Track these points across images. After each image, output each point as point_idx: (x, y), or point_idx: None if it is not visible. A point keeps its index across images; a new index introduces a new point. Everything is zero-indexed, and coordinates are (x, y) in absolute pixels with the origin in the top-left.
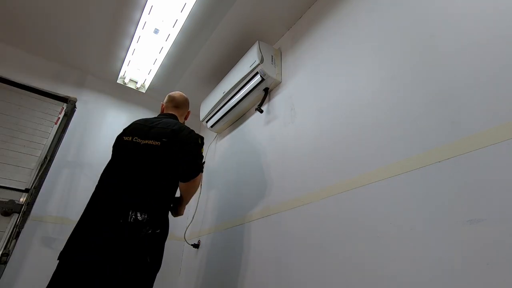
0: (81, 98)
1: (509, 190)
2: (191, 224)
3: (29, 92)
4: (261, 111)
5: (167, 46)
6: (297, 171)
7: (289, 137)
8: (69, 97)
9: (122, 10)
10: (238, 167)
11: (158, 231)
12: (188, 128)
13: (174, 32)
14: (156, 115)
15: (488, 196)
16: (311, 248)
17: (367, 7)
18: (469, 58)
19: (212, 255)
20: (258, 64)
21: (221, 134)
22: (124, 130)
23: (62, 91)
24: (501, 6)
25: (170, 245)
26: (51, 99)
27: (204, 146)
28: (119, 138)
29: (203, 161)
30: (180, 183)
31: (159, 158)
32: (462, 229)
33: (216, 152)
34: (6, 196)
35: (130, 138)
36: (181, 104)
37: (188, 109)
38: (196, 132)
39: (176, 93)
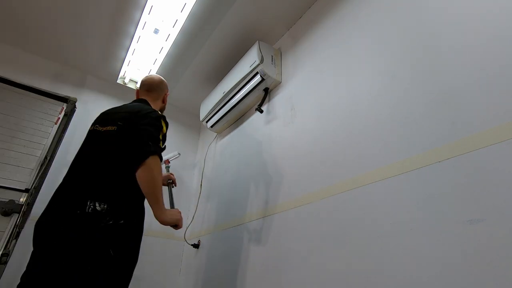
0: (81, 98)
1: (509, 190)
2: (191, 224)
3: (29, 92)
4: (261, 111)
5: (167, 46)
6: (297, 171)
7: (289, 137)
8: (69, 97)
9: (122, 10)
10: (238, 167)
11: (122, 221)
12: (150, 108)
13: (174, 32)
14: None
15: (488, 196)
16: (311, 248)
17: (367, 7)
18: (469, 58)
19: (212, 255)
20: (258, 64)
21: (221, 134)
22: (96, 119)
23: (62, 91)
24: (501, 6)
25: (170, 245)
26: (51, 99)
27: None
28: (87, 132)
29: (162, 145)
30: (136, 175)
31: (116, 144)
32: (462, 229)
33: (216, 152)
34: (6, 196)
35: (92, 127)
36: (153, 87)
37: (165, 91)
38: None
39: (148, 76)
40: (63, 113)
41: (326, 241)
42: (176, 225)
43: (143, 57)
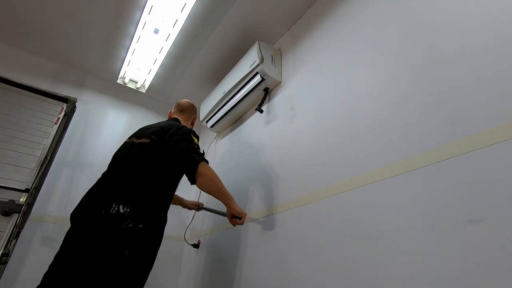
0: (81, 98)
1: (509, 190)
2: (191, 224)
3: (29, 92)
4: (261, 111)
5: (167, 46)
6: (297, 171)
7: (289, 137)
8: (69, 97)
9: (122, 10)
10: (238, 167)
11: (141, 226)
12: (181, 124)
13: (174, 32)
14: (160, 118)
15: (488, 196)
16: (311, 248)
17: (367, 7)
18: (469, 58)
19: (212, 255)
20: (258, 64)
21: (221, 134)
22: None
23: (62, 91)
24: (501, 6)
25: (170, 245)
26: (51, 99)
27: (203, 146)
28: (124, 142)
29: (200, 151)
30: (197, 186)
31: (148, 154)
32: (462, 229)
33: (216, 152)
34: (6, 196)
35: (129, 140)
36: (185, 108)
37: (195, 115)
38: (197, 132)
39: (183, 100)
40: (63, 113)
41: (326, 241)
42: (241, 217)
43: (143, 57)
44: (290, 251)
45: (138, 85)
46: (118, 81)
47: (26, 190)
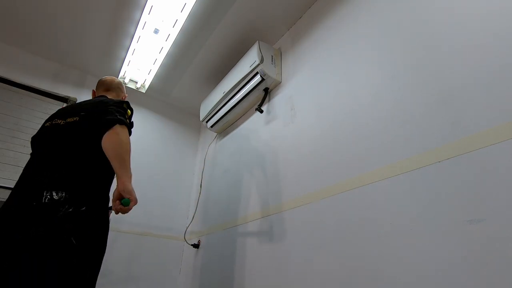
0: (81, 98)
1: (509, 190)
2: (191, 224)
3: (29, 92)
4: (261, 111)
5: (167, 46)
6: (297, 171)
7: (289, 137)
8: (69, 97)
9: (122, 10)
10: (238, 167)
11: (84, 208)
12: (113, 99)
13: (174, 32)
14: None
15: (488, 196)
16: (311, 248)
17: (367, 7)
18: (469, 58)
19: (212, 255)
20: (258, 64)
21: (221, 134)
22: (50, 116)
23: (62, 91)
24: (501, 6)
25: (170, 245)
26: (51, 99)
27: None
28: (41, 128)
29: (129, 120)
30: (102, 144)
31: (78, 132)
32: (462, 229)
33: (216, 152)
34: (6, 196)
35: (50, 123)
36: (112, 86)
37: (124, 93)
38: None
39: (106, 77)
40: None
41: (326, 241)
42: (131, 201)
43: (143, 57)
44: (290, 251)
45: (138, 85)
46: None
47: None
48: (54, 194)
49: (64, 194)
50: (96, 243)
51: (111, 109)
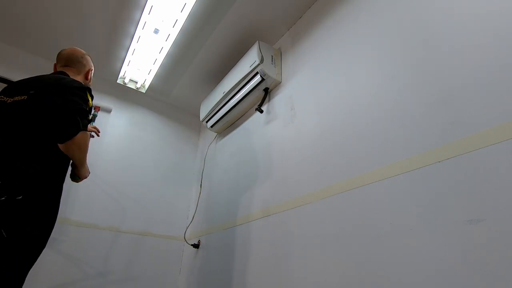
0: None
1: (509, 190)
2: (191, 224)
3: None
4: (261, 111)
5: (167, 46)
6: (297, 171)
7: (289, 137)
8: None
9: (122, 10)
10: (238, 167)
11: (20, 197)
12: (73, 79)
13: (174, 32)
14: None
15: (488, 196)
16: (311, 248)
17: (367, 7)
18: (469, 58)
19: (212, 255)
20: (258, 64)
21: (221, 134)
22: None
23: None
24: (501, 6)
25: (170, 245)
26: None
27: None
28: None
29: (89, 116)
30: (59, 145)
31: (25, 114)
32: (462, 229)
33: (216, 152)
34: None
35: None
36: (72, 60)
37: (89, 66)
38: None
39: (66, 49)
40: None
41: (326, 241)
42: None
43: (143, 57)
44: (290, 251)
45: (138, 85)
46: (118, 81)
47: None
48: None
49: None
50: (31, 237)
51: (73, 101)
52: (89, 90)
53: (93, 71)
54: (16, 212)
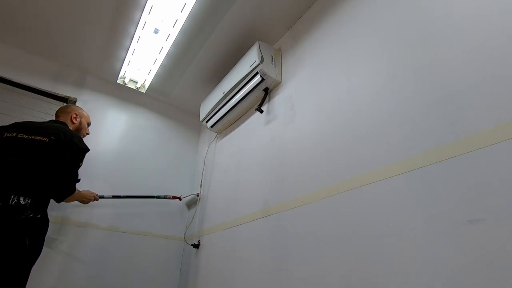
0: (81, 98)
1: (509, 190)
2: (191, 224)
3: (29, 92)
4: (261, 111)
5: (167, 46)
6: (297, 171)
7: (289, 137)
8: (69, 97)
9: (122, 10)
10: (238, 167)
11: (39, 216)
12: (76, 134)
13: (174, 32)
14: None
15: (488, 196)
16: (311, 248)
17: (367, 7)
18: (469, 58)
19: (212, 255)
20: (258, 64)
21: (221, 134)
22: (3, 127)
23: (62, 91)
24: (501, 6)
25: (170, 245)
26: (51, 99)
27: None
28: (4, 137)
29: (78, 177)
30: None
31: (46, 152)
32: (462, 229)
33: (216, 152)
34: None
35: (14, 134)
36: (61, 112)
37: (73, 111)
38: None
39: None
40: None
41: (326, 241)
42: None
43: (143, 57)
44: (290, 251)
45: (138, 85)
46: (118, 81)
47: None
48: (21, 199)
49: (30, 201)
50: (40, 245)
51: (76, 165)
52: (86, 151)
53: (78, 114)
54: (36, 227)
